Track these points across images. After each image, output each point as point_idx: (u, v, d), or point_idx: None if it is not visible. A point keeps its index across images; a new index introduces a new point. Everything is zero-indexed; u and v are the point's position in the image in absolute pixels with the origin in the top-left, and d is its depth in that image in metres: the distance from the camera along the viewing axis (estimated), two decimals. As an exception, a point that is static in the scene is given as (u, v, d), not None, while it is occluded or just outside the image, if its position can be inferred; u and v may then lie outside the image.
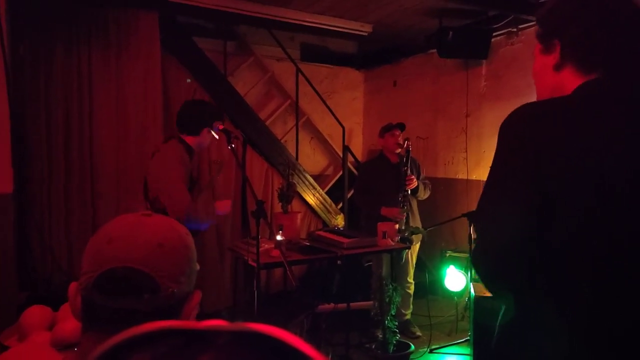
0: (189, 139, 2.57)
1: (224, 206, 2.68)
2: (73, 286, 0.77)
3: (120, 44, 3.72)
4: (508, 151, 0.96)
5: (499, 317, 1.06)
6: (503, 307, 1.05)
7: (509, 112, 1.00)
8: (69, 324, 1.45)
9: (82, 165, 3.64)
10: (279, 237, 2.93)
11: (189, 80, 3.81)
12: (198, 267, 0.85)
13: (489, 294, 2.92)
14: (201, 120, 2.57)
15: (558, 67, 1.01)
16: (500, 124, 1.00)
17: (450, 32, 4.16)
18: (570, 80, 0.99)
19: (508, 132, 0.97)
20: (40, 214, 3.46)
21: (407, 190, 3.56)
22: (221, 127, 2.63)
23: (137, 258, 0.73)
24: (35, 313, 1.61)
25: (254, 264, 2.63)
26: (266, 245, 2.92)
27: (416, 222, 3.80)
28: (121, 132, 3.75)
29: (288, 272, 2.38)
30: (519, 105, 0.99)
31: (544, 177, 0.89)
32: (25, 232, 3.37)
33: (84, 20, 3.60)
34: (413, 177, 3.59)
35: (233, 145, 2.57)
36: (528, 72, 4.36)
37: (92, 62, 3.65)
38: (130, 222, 0.78)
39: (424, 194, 3.78)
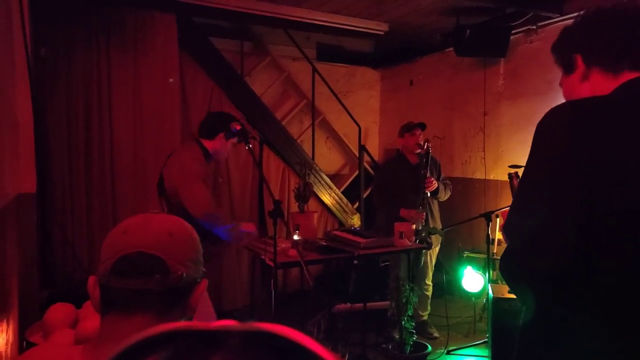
0: (206, 142, 2.62)
1: (248, 227, 2.64)
2: (92, 279, 0.84)
3: (138, 46, 3.77)
4: (545, 150, 0.96)
5: (522, 316, 1.05)
6: (524, 308, 1.04)
7: (528, 111, 1.00)
8: (92, 322, 1.48)
9: (101, 165, 3.69)
10: (295, 237, 2.93)
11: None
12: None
13: (508, 296, 2.89)
14: (216, 124, 2.63)
15: (585, 77, 1.02)
16: (518, 122, 1.00)
17: (468, 30, 4.11)
18: (600, 84, 0.99)
19: (545, 131, 0.96)
20: (62, 212, 3.52)
21: (427, 192, 3.53)
22: (238, 127, 2.65)
23: (149, 244, 0.82)
24: (59, 311, 1.65)
25: (271, 263, 2.64)
26: (283, 245, 2.93)
27: (436, 223, 3.76)
28: (139, 132, 3.80)
29: (305, 271, 2.39)
30: (538, 104, 0.99)
31: (583, 177, 0.88)
32: (47, 231, 3.43)
33: (103, 22, 3.65)
34: (432, 179, 3.56)
35: (250, 146, 2.58)
36: (547, 70, 4.29)
37: (111, 63, 3.71)
38: (142, 217, 0.88)
39: (444, 195, 3.75)
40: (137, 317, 0.81)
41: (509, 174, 2.14)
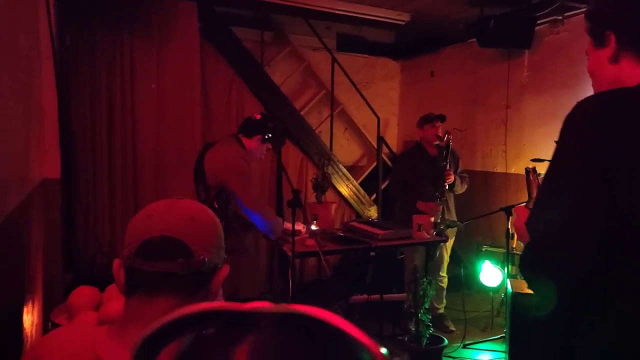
0: (244, 140, 2.69)
1: (298, 225, 2.83)
2: (117, 262, 0.86)
3: (160, 34, 3.80)
4: (572, 144, 0.94)
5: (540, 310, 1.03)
6: (543, 302, 1.03)
7: (553, 104, 0.98)
8: (115, 304, 1.51)
9: (124, 152, 3.75)
10: (313, 227, 2.94)
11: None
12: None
13: (527, 291, 2.85)
14: (257, 126, 2.69)
15: (615, 59, 0.98)
16: (542, 116, 0.98)
17: (492, 21, 4.03)
18: (629, 70, 0.96)
19: (572, 125, 0.94)
20: (85, 198, 3.60)
21: (445, 185, 3.50)
22: (258, 117, 2.68)
23: (173, 228, 0.84)
24: (84, 293, 1.69)
25: (290, 253, 2.66)
26: (300, 228, 2.96)
27: (452, 215, 3.73)
28: (161, 120, 3.85)
29: (323, 261, 2.40)
30: (564, 97, 0.97)
31: (611, 171, 0.86)
32: (71, 217, 3.51)
33: (126, 11, 3.68)
34: (451, 172, 3.52)
35: (270, 135, 2.60)
36: (574, 62, 4.17)
37: (134, 51, 3.75)
38: (166, 202, 0.89)
39: (461, 188, 3.71)
40: (161, 299, 0.82)
41: (526, 169, 2.09)
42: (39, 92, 2.47)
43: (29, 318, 1.85)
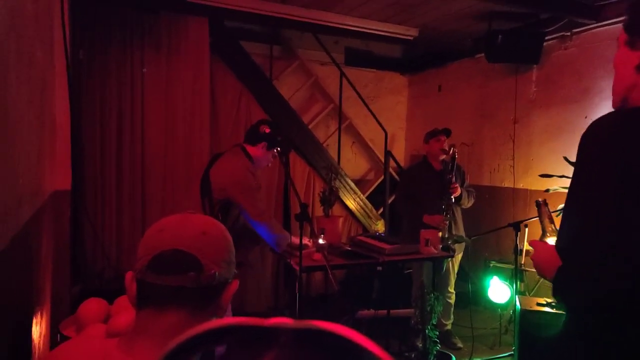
0: (249, 148, 2.68)
1: (305, 240, 2.79)
2: (129, 275, 0.87)
3: (171, 48, 3.86)
4: (592, 162, 0.93)
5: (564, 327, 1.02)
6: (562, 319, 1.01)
7: (561, 119, 0.98)
8: (124, 317, 1.51)
9: (132, 165, 3.78)
10: (321, 241, 2.93)
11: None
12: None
13: (536, 308, 2.82)
14: (259, 132, 2.69)
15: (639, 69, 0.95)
16: (550, 131, 0.98)
17: (500, 36, 4.05)
18: None
19: (592, 142, 0.93)
20: (93, 211, 3.62)
21: (451, 198, 3.49)
22: (267, 130, 2.68)
23: (184, 242, 0.85)
24: (93, 306, 1.69)
25: (296, 267, 2.65)
26: (307, 242, 2.95)
27: (459, 230, 3.71)
28: (170, 134, 3.88)
29: (330, 275, 2.39)
30: (571, 112, 0.97)
31: (629, 188, 0.85)
32: (79, 229, 3.53)
33: (137, 25, 3.75)
34: (457, 185, 3.52)
35: (279, 149, 2.61)
36: (582, 78, 4.17)
37: (145, 65, 3.80)
38: (178, 217, 0.90)
39: (467, 202, 3.69)
40: (171, 313, 0.83)
41: (537, 202, 2.04)
42: (52, 105, 2.50)
43: (38, 330, 1.85)
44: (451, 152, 3.51)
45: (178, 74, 3.88)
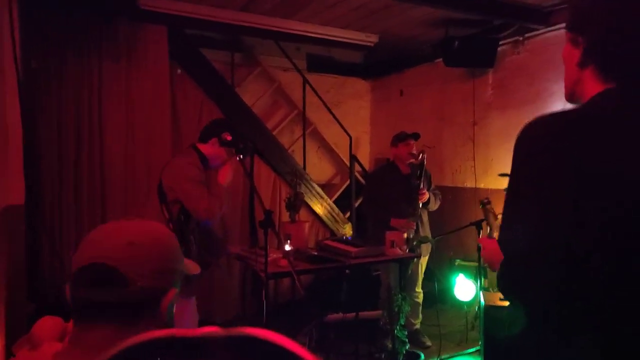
0: (201, 147, 2.64)
1: (224, 175, 2.59)
2: (67, 288, 0.85)
3: (129, 57, 3.78)
4: (524, 163, 0.95)
5: (510, 326, 1.04)
6: (517, 317, 1.04)
7: (516, 121, 1.01)
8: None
9: (91, 175, 3.67)
10: (287, 247, 2.93)
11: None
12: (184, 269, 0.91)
13: (499, 303, 2.90)
14: (210, 129, 2.66)
15: (582, 65, 0.99)
16: (507, 132, 1.00)
17: (456, 41, 4.17)
18: (590, 82, 0.98)
19: (524, 144, 0.96)
20: (50, 224, 3.49)
21: (419, 203, 3.54)
22: (229, 137, 2.66)
23: (105, 254, 0.81)
24: (47, 324, 1.61)
25: (262, 274, 2.63)
26: (274, 255, 2.92)
27: (426, 232, 3.78)
28: (130, 143, 3.79)
29: (296, 281, 2.38)
30: (526, 114, 1.00)
31: (562, 188, 0.88)
32: (36, 243, 3.40)
33: (94, 34, 3.65)
34: (425, 191, 3.57)
35: (241, 156, 2.59)
36: (534, 81, 4.35)
37: (103, 74, 3.70)
38: (110, 226, 0.87)
39: (434, 205, 3.76)
40: (100, 327, 0.81)
41: (481, 201, 2.08)
42: (2, 115, 2.41)
43: (-10, 351, 1.77)
44: (420, 157, 3.54)
45: (137, 83, 3.81)
